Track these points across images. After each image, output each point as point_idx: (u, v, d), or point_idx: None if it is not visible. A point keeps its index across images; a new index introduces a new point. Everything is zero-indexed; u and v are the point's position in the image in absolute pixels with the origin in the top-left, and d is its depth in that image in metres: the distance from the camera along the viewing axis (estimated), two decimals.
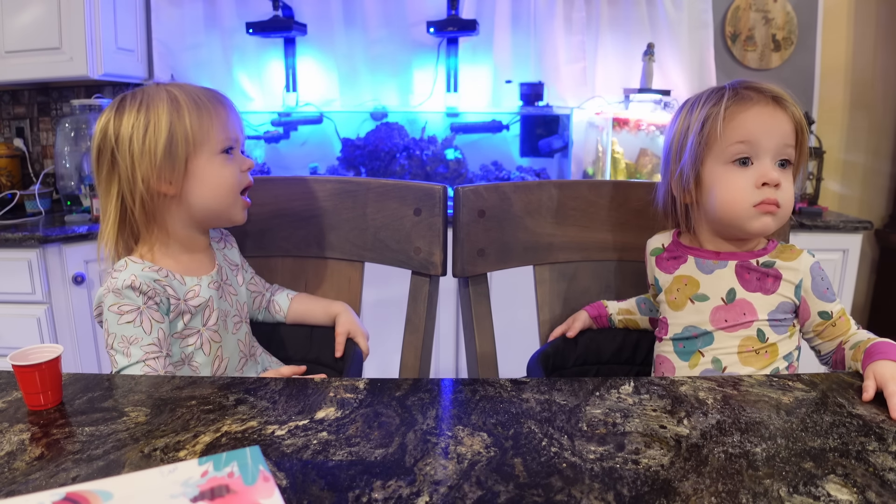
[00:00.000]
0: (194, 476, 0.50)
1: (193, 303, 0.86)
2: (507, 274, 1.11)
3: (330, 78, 2.37)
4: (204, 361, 0.87)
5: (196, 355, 0.87)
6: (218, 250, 0.96)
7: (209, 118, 0.85)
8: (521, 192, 1.06)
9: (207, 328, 0.88)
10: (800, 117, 0.84)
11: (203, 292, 0.87)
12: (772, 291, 0.86)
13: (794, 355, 0.88)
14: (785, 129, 0.83)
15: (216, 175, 0.86)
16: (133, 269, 0.83)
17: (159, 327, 0.82)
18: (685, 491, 0.49)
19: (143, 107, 0.82)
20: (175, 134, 0.82)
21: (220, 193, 0.87)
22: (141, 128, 0.81)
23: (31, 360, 0.63)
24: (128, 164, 0.81)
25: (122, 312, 0.80)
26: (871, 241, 2.47)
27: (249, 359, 0.96)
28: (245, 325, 0.96)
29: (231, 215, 0.90)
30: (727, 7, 2.33)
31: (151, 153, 0.81)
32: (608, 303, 1.06)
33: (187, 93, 0.85)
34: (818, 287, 0.85)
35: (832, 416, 0.63)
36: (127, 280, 0.81)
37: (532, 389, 0.69)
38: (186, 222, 0.88)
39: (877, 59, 2.39)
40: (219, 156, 0.86)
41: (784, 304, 0.86)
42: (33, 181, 2.28)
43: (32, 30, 2.01)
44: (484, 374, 1.04)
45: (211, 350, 0.88)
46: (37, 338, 1.84)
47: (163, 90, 0.84)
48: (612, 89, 2.31)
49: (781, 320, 0.86)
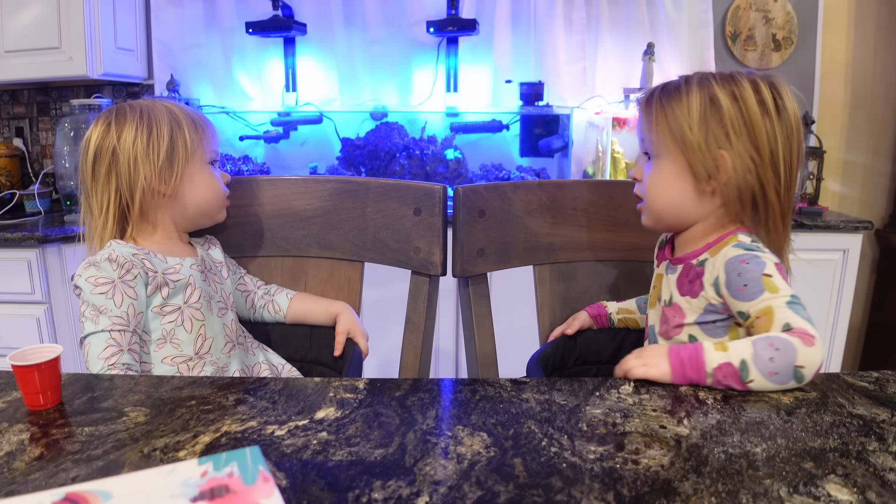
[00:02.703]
0: (194, 476, 0.50)
1: (173, 278, 0.90)
2: (507, 274, 1.11)
3: (330, 78, 2.37)
4: (186, 339, 0.89)
5: (177, 332, 0.89)
6: (202, 250, 1.00)
7: (202, 132, 0.96)
8: (521, 192, 1.06)
9: (189, 305, 0.90)
10: (657, 108, 0.83)
11: (184, 271, 0.92)
12: (697, 293, 0.82)
13: None
14: (643, 125, 0.86)
15: (208, 180, 0.97)
16: (113, 245, 0.88)
17: (130, 303, 0.85)
18: (685, 491, 0.49)
19: (145, 116, 0.91)
20: (176, 141, 0.92)
21: (210, 196, 0.97)
22: (144, 133, 0.90)
23: (30, 360, 0.63)
24: (130, 165, 0.89)
25: (97, 284, 0.84)
26: (872, 241, 2.46)
27: (237, 346, 0.96)
28: (231, 312, 0.98)
29: (216, 215, 1.01)
30: (727, 7, 2.33)
31: (155, 156, 0.90)
32: (608, 303, 1.06)
33: (181, 109, 0.95)
34: (732, 284, 0.77)
35: (832, 416, 0.62)
36: (106, 254, 0.86)
37: (532, 389, 0.69)
38: (176, 219, 0.96)
39: (877, 59, 2.39)
40: (207, 165, 0.97)
41: (710, 305, 0.81)
42: (33, 181, 2.28)
43: (32, 29, 2.00)
44: (484, 374, 1.04)
45: (193, 328, 0.90)
46: (36, 338, 1.84)
47: (159, 104, 0.94)
48: (612, 89, 2.31)
49: (714, 322, 0.81)
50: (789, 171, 0.81)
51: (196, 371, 0.89)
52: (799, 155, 0.81)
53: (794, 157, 0.81)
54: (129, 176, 0.89)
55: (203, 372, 0.90)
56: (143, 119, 0.91)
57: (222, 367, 0.92)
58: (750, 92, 0.79)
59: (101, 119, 0.91)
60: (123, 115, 0.91)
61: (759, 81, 0.80)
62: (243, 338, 1.00)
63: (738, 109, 0.79)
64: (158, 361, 0.87)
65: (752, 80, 0.80)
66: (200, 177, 0.95)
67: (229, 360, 0.94)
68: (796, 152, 0.81)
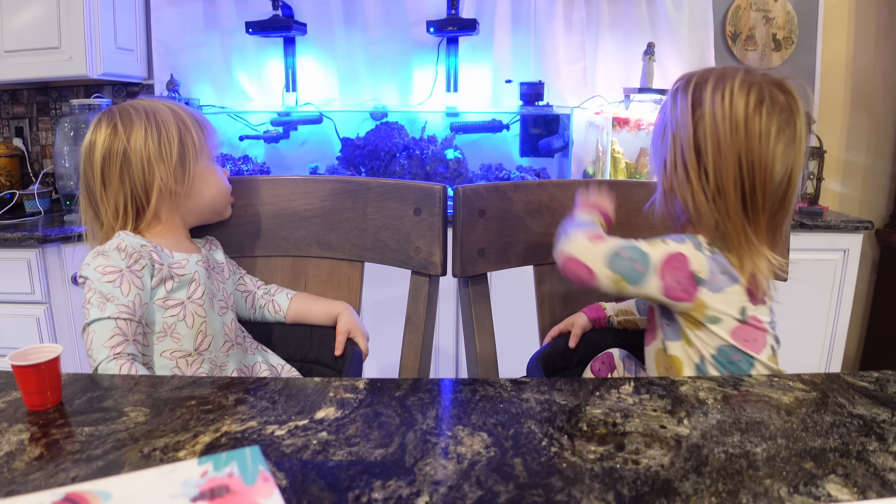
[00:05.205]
0: (194, 476, 0.50)
1: (179, 272, 0.90)
2: (507, 274, 1.11)
3: (330, 78, 2.37)
4: (186, 334, 0.89)
5: (178, 326, 0.88)
6: (205, 250, 1.00)
7: (205, 130, 0.97)
8: (521, 192, 1.06)
9: (192, 301, 0.90)
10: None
11: (190, 266, 0.92)
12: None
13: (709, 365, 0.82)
14: None
15: (217, 177, 0.99)
16: (122, 236, 0.88)
17: (137, 292, 0.85)
18: (685, 491, 0.49)
19: (151, 117, 0.91)
20: (185, 140, 0.93)
21: (219, 192, 1.00)
22: (154, 134, 0.90)
23: (30, 360, 0.62)
24: (144, 167, 0.90)
25: (105, 272, 0.84)
26: (872, 240, 2.46)
27: (236, 345, 0.96)
28: (231, 312, 0.98)
29: (224, 211, 1.04)
30: (727, 6, 2.33)
31: (167, 156, 0.91)
32: (606, 304, 1.06)
33: (181, 108, 0.96)
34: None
35: (832, 416, 0.62)
36: (115, 243, 0.87)
37: (532, 389, 0.69)
38: (186, 217, 0.97)
39: (877, 59, 2.39)
40: (213, 162, 0.99)
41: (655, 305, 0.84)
42: (32, 181, 2.27)
43: (32, 29, 2.00)
44: (484, 374, 1.04)
45: (194, 323, 0.90)
46: (36, 338, 1.83)
47: (159, 104, 0.94)
48: (612, 89, 2.31)
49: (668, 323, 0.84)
50: (720, 176, 0.77)
51: (194, 367, 0.89)
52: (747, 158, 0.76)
53: (728, 161, 0.76)
54: (143, 177, 0.90)
55: (200, 369, 0.89)
56: (151, 120, 0.91)
57: (220, 365, 0.92)
58: (681, 90, 0.81)
59: (103, 122, 0.91)
60: (128, 116, 0.91)
61: (693, 78, 0.81)
62: (242, 338, 1.00)
63: (663, 107, 0.82)
64: (157, 354, 0.87)
65: (688, 77, 0.82)
66: (210, 174, 0.97)
67: (227, 358, 0.94)
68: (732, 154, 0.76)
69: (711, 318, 0.80)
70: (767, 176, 0.77)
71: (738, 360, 0.81)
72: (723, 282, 0.80)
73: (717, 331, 0.80)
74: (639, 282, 0.79)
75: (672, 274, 0.79)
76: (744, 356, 0.81)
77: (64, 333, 1.85)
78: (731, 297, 0.80)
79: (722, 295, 0.80)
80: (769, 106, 0.76)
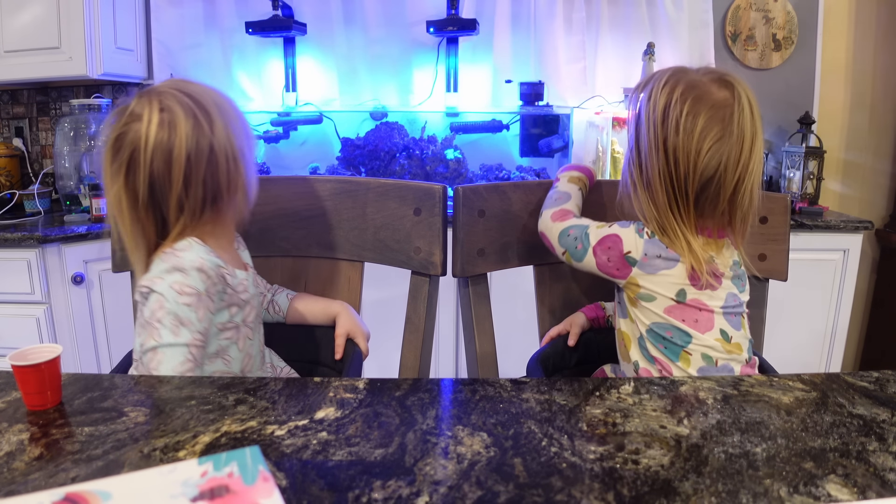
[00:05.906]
0: (194, 476, 0.50)
1: (243, 297, 0.86)
2: (507, 274, 1.11)
3: (330, 78, 2.37)
4: (236, 357, 0.86)
5: (230, 349, 0.85)
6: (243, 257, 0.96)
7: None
8: (521, 192, 1.06)
9: (246, 324, 0.88)
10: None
11: (250, 287, 0.89)
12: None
13: (647, 341, 0.89)
14: None
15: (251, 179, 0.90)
16: (199, 250, 0.80)
17: (209, 318, 0.80)
18: (685, 491, 0.49)
19: (212, 105, 0.82)
20: (249, 132, 0.88)
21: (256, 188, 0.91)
22: (227, 125, 0.82)
23: (30, 360, 0.63)
24: (230, 162, 0.82)
25: (182, 292, 0.77)
26: (872, 240, 2.46)
27: (263, 358, 0.96)
28: (262, 327, 0.96)
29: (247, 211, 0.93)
30: (727, 7, 2.33)
31: (241, 150, 0.84)
32: (605, 304, 1.06)
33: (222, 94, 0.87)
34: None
35: (832, 416, 0.62)
36: (195, 261, 0.79)
37: (532, 389, 0.69)
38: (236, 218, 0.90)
39: (877, 59, 2.39)
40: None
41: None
42: (32, 181, 2.27)
43: (32, 29, 2.00)
44: (484, 374, 1.04)
45: (244, 346, 0.88)
46: (36, 338, 1.83)
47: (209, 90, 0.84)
48: (612, 89, 2.31)
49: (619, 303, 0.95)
50: (649, 169, 0.85)
51: None
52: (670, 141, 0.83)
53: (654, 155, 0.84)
54: (227, 175, 0.81)
55: None
56: (224, 111, 0.82)
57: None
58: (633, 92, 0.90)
59: (181, 113, 0.78)
60: (199, 105, 0.80)
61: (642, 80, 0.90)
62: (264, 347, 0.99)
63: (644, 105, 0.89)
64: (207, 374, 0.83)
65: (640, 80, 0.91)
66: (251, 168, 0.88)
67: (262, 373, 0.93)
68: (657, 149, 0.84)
69: (645, 295, 0.88)
70: (692, 170, 0.82)
71: (672, 336, 0.87)
72: (659, 264, 0.87)
73: (653, 307, 0.88)
74: (580, 258, 0.92)
75: (605, 253, 0.89)
76: (679, 333, 0.87)
77: (63, 333, 1.85)
78: (665, 279, 0.87)
79: (656, 276, 0.87)
80: (693, 103, 0.81)
